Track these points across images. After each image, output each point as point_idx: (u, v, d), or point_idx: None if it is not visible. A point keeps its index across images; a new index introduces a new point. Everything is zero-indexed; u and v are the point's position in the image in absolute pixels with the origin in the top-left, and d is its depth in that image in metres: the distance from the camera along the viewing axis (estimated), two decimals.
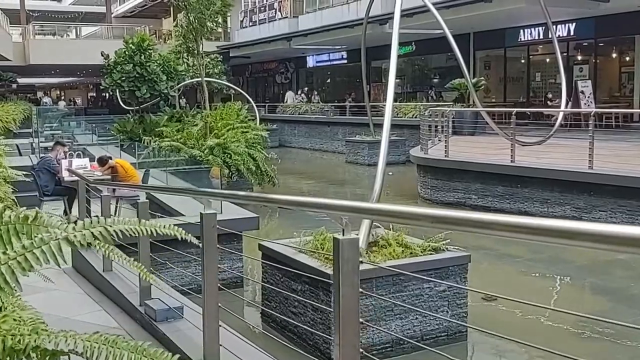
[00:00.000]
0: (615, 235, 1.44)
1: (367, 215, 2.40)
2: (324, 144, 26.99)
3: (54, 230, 2.19)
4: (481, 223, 1.81)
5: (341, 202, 2.49)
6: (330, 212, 2.59)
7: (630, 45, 19.38)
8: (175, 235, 2.58)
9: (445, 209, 1.93)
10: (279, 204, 3.12)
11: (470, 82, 15.00)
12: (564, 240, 1.55)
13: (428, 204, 13.27)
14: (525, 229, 1.64)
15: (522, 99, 22.73)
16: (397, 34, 9.08)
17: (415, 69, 28.71)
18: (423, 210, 2.10)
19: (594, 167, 10.37)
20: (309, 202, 2.66)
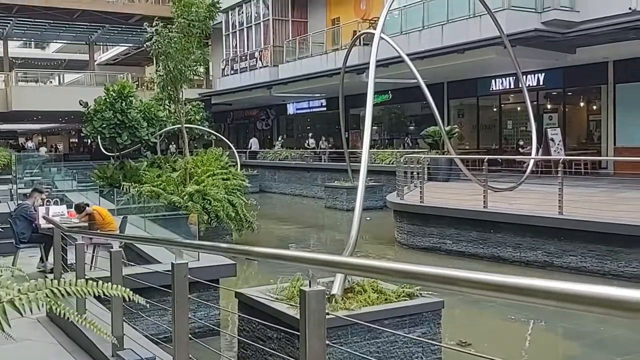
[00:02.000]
0: (578, 295, 1.44)
1: (337, 269, 2.47)
2: (304, 189, 27.22)
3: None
4: (448, 280, 1.83)
5: (308, 255, 2.59)
6: (298, 265, 2.69)
7: (597, 94, 20.09)
8: (133, 298, 2.64)
9: (413, 263, 2.05)
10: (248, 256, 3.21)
11: (444, 130, 15.41)
12: (529, 298, 1.55)
13: (405, 249, 13.47)
14: (492, 286, 1.65)
15: (495, 146, 23.29)
16: (373, 83, 9.44)
17: (391, 116, 29.30)
18: (391, 265, 2.11)
19: (563, 213, 10.67)
20: (276, 254, 2.77)
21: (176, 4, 14.77)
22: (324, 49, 26.82)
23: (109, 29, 41.93)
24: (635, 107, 18.64)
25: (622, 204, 11.14)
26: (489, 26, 15.54)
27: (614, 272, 9.98)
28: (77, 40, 46.90)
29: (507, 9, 17.01)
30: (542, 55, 18.47)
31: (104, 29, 41.90)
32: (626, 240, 9.84)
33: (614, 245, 10.00)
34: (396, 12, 20.68)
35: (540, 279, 1.57)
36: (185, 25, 14.24)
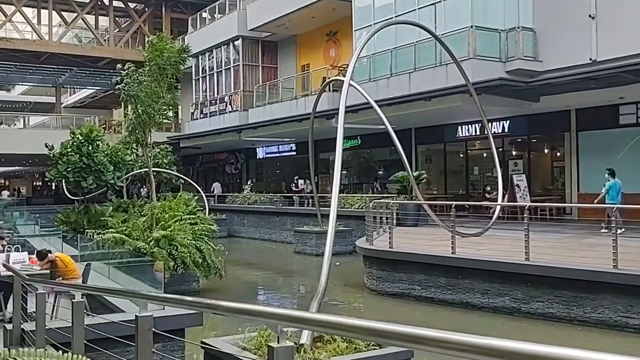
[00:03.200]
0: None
1: (306, 325, 2.43)
2: (273, 234, 27.03)
3: None
4: (415, 339, 1.84)
5: (276, 311, 2.55)
6: (266, 321, 2.64)
7: (561, 141, 20.59)
8: None
9: (378, 321, 2.02)
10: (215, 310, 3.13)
11: (412, 176, 15.55)
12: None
13: (374, 295, 13.37)
14: (460, 346, 1.65)
15: (462, 191, 23.59)
16: (343, 128, 9.51)
17: (361, 161, 29.54)
18: (359, 323, 2.11)
19: (530, 259, 10.75)
20: (243, 309, 2.72)
21: (148, 48, 14.82)
22: (294, 94, 27.11)
23: (76, 71, 41.80)
24: (598, 154, 19.12)
25: (587, 250, 11.30)
26: (455, 74, 15.92)
27: (580, 318, 10.04)
28: (44, 82, 46.62)
29: (473, 58, 17.48)
30: (507, 103, 18.94)
31: (72, 71, 41.77)
32: (591, 286, 9.94)
33: (579, 291, 10.09)
34: (365, 59, 21.07)
35: (507, 340, 1.56)
36: (156, 69, 14.26)
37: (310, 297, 7.60)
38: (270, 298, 15.59)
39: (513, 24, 17.91)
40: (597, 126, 19.09)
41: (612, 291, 9.76)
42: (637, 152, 18.21)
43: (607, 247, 10.00)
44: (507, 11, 18.11)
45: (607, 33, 16.31)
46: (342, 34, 25.63)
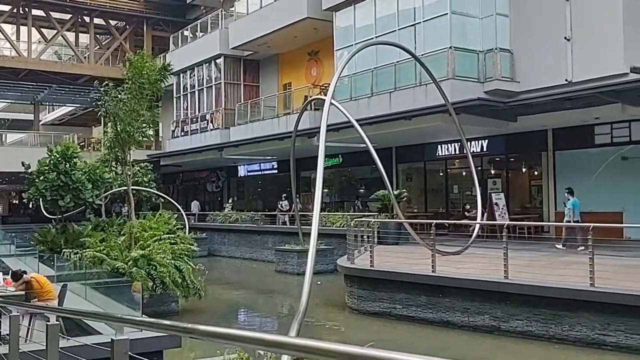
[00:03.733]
0: None
1: (284, 350, 2.42)
2: (254, 252, 26.91)
3: None
4: None
5: (255, 335, 2.50)
6: (245, 345, 2.61)
7: (538, 160, 20.87)
8: None
9: (357, 345, 2.03)
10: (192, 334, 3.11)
11: (393, 195, 15.64)
12: None
13: (355, 314, 13.35)
14: None
15: (442, 210, 23.75)
16: (324, 147, 9.56)
17: (342, 179, 29.61)
18: (338, 347, 2.10)
19: (509, 277, 10.84)
20: (221, 334, 2.70)
21: (128, 66, 14.79)
22: (276, 112, 27.18)
23: (56, 89, 41.48)
24: (574, 173, 19.41)
25: (564, 268, 11.41)
26: (435, 94, 16.11)
27: (559, 336, 10.12)
28: (22, 99, 46.18)
29: (452, 78, 17.72)
30: (485, 123, 19.18)
31: (51, 88, 41.43)
32: (569, 305, 10.04)
33: (557, 309, 10.18)
34: (346, 79, 21.24)
35: None
36: (136, 87, 14.24)
37: (291, 317, 7.58)
38: (250, 318, 15.49)
39: (491, 46, 18.21)
40: (573, 146, 19.41)
41: (589, 309, 9.85)
42: (612, 171, 18.53)
43: (584, 265, 10.11)
44: (485, 33, 18.42)
45: (582, 55, 16.64)
46: (324, 53, 25.81)
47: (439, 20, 18.47)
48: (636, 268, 11.53)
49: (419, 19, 19.11)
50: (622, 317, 9.48)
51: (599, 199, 18.65)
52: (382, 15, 20.49)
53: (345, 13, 22.04)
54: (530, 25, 17.95)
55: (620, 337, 9.46)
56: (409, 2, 19.49)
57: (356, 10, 21.49)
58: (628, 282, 9.76)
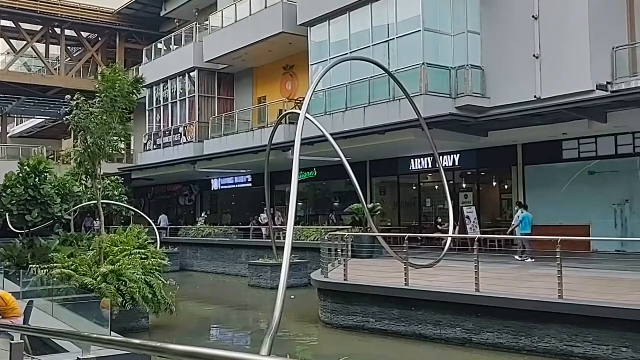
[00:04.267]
0: None
1: None
2: (227, 267, 26.72)
3: None
4: None
5: (226, 354, 2.48)
6: None
7: (508, 175, 21.21)
8: None
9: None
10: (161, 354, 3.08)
11: (367, 208, 15.72)
12: None
13: (328, 328, 13.34)
14: None
15: (415, 223, 23.94)
16: (299, 161, 9.60)
17: (317, 193, 29.66)
18: None
19: (480, 290, 10.96)
20: (191, 352, 2.68)
21: (99, 79, 14.66)
22: (250, 126, 27.18)
23: (25, 101, 40.86)
24: (543, 188, 19.77)
25: (534, 281, 11.59)
26: (408, 109, 16.30)
27: (529, 347, 10.24)
28: None
29: (425, 94, 17.98)
30: (457, 138, 19.45)
31: (20, 100, 40.80)
32: (539, 317, 10.18)
33: (528, 322, 10.31)
34: (321, 93, 21.38)
35: None
36: (108, 100, 14.11)
37: (264, 331, 7.56)
38: (223, 334, 15.35)
39: (462, 62, 18.54)
40: (542, 160, 19.79)
41: (558, 321, 10.01)
42: (580, 185, 18.93)
43: (552, 278, 10.26)
44: (457, 50, 18.74)
45: (550, 72, 17.04)
46: (299, 67, 25.95)
47: (412, 37, 18.76)
48: (602, 280, 11.78)
49: (393, 36, 19.40)
50: (589, 328, 9.65)
51: (567, 212, 19.02)
52: (356, 31, 20.72)
53: (320, 28, 22.23)
54: (501, 43, 18.31)
55: (588, 347, 9.62)
56: (383, 19, 19.77)
57: (331, 26, 21.70)
58: (595, 294, 9.94)
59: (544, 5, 17.35)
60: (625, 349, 9.20)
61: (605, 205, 18.51)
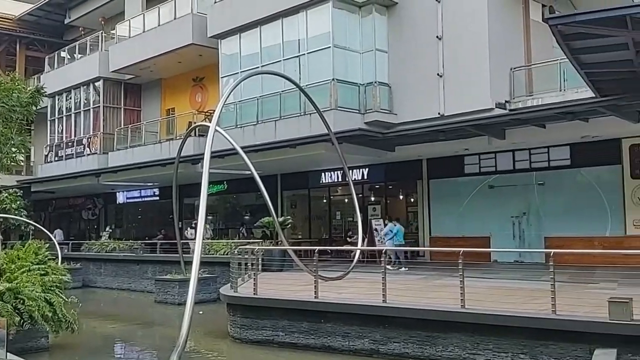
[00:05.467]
0: None
1: None
2: (133, 283, 25.86)
3: None
4: None
5: None
6: None
7: (414, 188, 21.99)
8: None
9: None
10: None
11: (277, 221, 15.77)
12: None
13: (237, 343, 13.21)
14: None
15: (325, 236, 24.26)
16: (208, 174, 9.51)
17: (227, 206, 29.40)
18: None
19: (387, 301, 11.22)
20: None
21: None
22: (158, 138, 26.59)
23: None
24: (446, 201, 20.64)
25: (438, 291, 12.01)
26: (319, 124, 16.54)
27: (433, 356, 10.57)
28: None
29: (334, 109, 18.32)
30: (366, 152, 19.93)
31: None
32: (443, 326, 10.52)
33: (432, 331, 10.64)
34: (232, 106, 21.29)
35: None
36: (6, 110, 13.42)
37: (171, 348, 7.39)
38: (128, 352, 14.85)
39: (371, 79, 19.06)
40: (445, 175, 20.68)
41: (460, 330, 10.36)
42: (480, 199, 19.92)
43: (456, 288, 10.65)
44: (366, 67, 19.24)
45: (453, 90, 17.85)
46: (209, 79, 25.71)
47: (322, 53, 19.09)
48: (502, 289, 12.36)
49: (303, 51, 19.66)
50: (490, 336, 10.03)
51: (468, 224, 19.94)
52: (267, 45, 20.83)
53: (231, 41, 22.16)
54: (407, 61, 18.97)
55: (489, 355, 10.02)
56: (294, 34, 20.01)
57: (242, 39, 21.70)
58: (495, 303, 10.38)
59: (447, 27, 18.14)
60: (523, 356, 9.64)
61: (504, 218, 19.55)
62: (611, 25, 9.85)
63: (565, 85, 16.35)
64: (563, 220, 18.44)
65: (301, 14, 19.69)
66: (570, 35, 10.47)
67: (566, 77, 16.16)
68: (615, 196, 17.58)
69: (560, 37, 10.48)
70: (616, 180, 17.62)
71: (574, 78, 14.07)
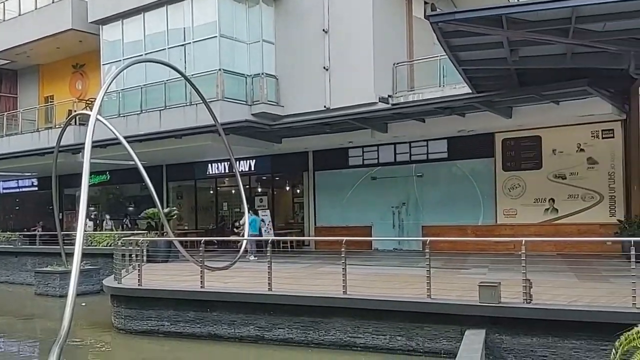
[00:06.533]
0: None
1: None
2: (11, 275, 24.53)
3: None
4: None
5: None
6: None
7: (300, 179, 22.50)
8: None
9: None
10: None
11: (163, 212, 15.58)
12: None
13: (122, 334, 13.03)
14: None
15: (212, 226, 24.22)
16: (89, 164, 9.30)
17: (110, 197, 28.53)
18: None
19: (272, 289, 11.53)
20: None
21: None
22: (36, 126, 25.25)
23: None
24: (331, 192, 21.31)
25: (322, 279, 12.48)
26: (205, 114, 16.46)
27: (316, 341, 11.02)
28: None
29: (221, 99, 18.28)
30: (253, 144, 20.10)
31: None
32: (325, 311, 10.97)
33: (315, 317, 11.07)
34: (114, 94, 20.67)
35: None
36: None
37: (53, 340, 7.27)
38: (7, 345, 14.18)
39: (258, 70, 19.20)
40: (330, 166, 21.34)
41: (342, 314, 10.84)
42: (363, 190, 20.76)
43: (338, 275, 11.13)
44: (253, 58, 19.36)
45: (339, 84, 18.33)
46: (90, 67, 24.78)
47: (208, 42, 18.97)
48: (382, 276, 13.09)
49: (189, 40, 19.42)
50: (369, 320, 10.57)
51: (352, 214, 20.75)
52: (151, 32, 20.39)
53: (113, 27, 21.45)
54: (294, 54, 19.25)
55: (369, 338, 10.58)
56: (179, 22, 19.71)
57: (125, 26, 21.06)
58: (375, 289, 10.98)
59: (334, 20, 18.54)
60: (400, 337, 10.25)
61: (385, 208, 20.50)
62: (488, 24, 10.59)
63: (445, 81, 17.29)
64: (439, 210, 19.61)
65: (187, 2, 19.39)
66: (449, 33, 11.13)
67: (446, 73, 17.09)
68: (488, 187, 18.90)
69: (440, 34, 11.14)
70: (489, 172, 18.90)
71: (453, 74, 14.95)
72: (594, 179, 17.23)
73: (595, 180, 17.22)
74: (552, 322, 8.96)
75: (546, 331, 9.03)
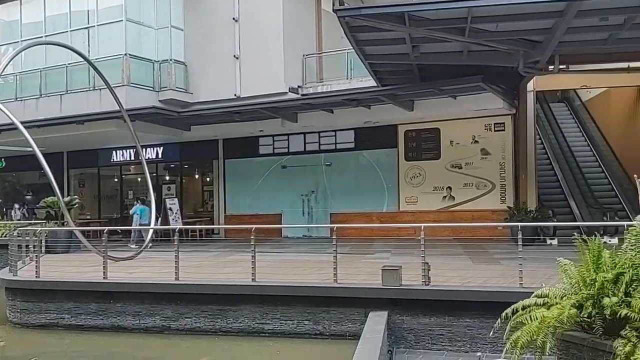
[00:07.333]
0: None
1: None
2: None
3: None
4: None
5: None
6: None
7: (210, 167, 22.25)
8: None
9: None
10: None
11: (63, 201, 14.94)
12: None
13: (18, 328, 12.42)
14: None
15: (116, 215, 23.48)
16: None
17: (5, 185, 27.01)
18: None
19: (179, 278, 11.37)
20: None
21: None
22: None
23: None
24: (241, 180, 21.22)
25: (230, 266, 12.46)
26: (110, 100, 15.94)
27: (224, 329, 11.00)
28: None
29: (127, 85, 17.73)
30: (160, 131, 19.64)
31: None
32: (233, 299, 10.97)
33: (223, 305, 11.04)
34: (11, 77, 19.57)
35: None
36: None
37: None
38: None
39: (166, 56, 18.78)
40: (241, 155, 21.24)
41: (250, 302, 10.89)
42: (274, 178, 20.82)
43: (248, 263, 11.14)
44: (161, 43, 18.90)
45: (249, 73, 18.31)
46: None
47: (114, 26, 18.34)
48: (291, 262, 13.24)
49: (93, 23, 18.70)
50: (277, 306, 10.70)
51: (262, 202, 20.77)
52: (52, 14, 19.45)
53: (10, 7, 20.28)
54: (204, 41, 18.99)
55: (277, 324, 10.70)
56: (82, 4, 18.92)
57: (23, 6, 19.98)
58: (283, 275, 11.13)
59: (244, 9, 18.49)
60: (308, 322, 10.45)
61: (294, 196, 20.68)
62: (391, 21, 10.97)
63: (352, 74, 17.73)
64: (347, 197, 20.05)
65: None
66: (356, 28, 11.41)
67: (353, 66, 17.53)
68: (391, 176, 19.54)
69: (347, 29, 11.38)
70: (393, 162, 19.56)
71: (360, 68, 15.34)
72: (487, 168, 18.22)
73: (488, 170, 18.21)
74: (449, 302, 9.45)
75: (443, 311, 9.50)
